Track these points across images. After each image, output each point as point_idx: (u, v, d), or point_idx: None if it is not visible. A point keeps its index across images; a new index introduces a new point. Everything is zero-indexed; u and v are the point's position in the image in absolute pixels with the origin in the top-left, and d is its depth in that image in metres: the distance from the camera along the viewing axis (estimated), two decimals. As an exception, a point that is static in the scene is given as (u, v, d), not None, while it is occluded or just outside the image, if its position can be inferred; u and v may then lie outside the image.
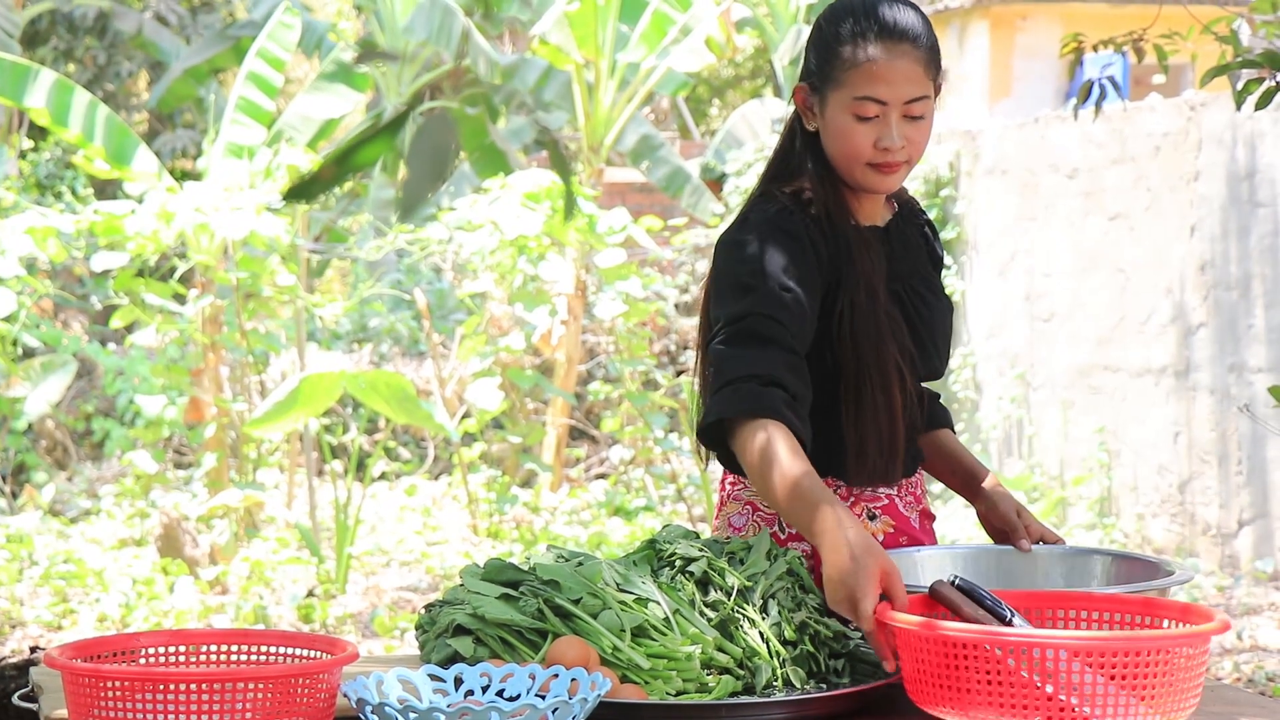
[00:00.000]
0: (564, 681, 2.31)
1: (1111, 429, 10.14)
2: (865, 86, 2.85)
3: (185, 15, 18.38)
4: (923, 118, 2.89)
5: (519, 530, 10.30)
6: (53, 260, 10.44)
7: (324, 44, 14.59)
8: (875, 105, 2.86)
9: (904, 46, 2.85)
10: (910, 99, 2.86)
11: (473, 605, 2.56)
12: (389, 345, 13.56)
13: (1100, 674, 2.19)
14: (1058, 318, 10.57)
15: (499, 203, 10.67)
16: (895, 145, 2.87)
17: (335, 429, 11.97)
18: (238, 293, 9.89)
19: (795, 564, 2.76)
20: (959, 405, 11.34)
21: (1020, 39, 12.43)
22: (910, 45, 2.86)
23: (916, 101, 2.87)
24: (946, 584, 2.44)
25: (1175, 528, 9.75)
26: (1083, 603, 2.49)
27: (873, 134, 2.87)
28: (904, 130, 2.87)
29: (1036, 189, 10.72)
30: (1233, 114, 9.17)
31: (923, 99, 2.87)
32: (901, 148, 2.88)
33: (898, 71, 2.85)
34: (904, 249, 3.04)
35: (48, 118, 10.04)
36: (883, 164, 2.89)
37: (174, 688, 2.19)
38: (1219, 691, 2.64)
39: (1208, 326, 9.48)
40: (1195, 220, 9.54)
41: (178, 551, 9.27)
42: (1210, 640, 2.27)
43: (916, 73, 2.86)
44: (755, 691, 2.53)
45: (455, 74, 13.65)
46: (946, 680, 2.24)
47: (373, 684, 2.27)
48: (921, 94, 2.87)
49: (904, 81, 2.85)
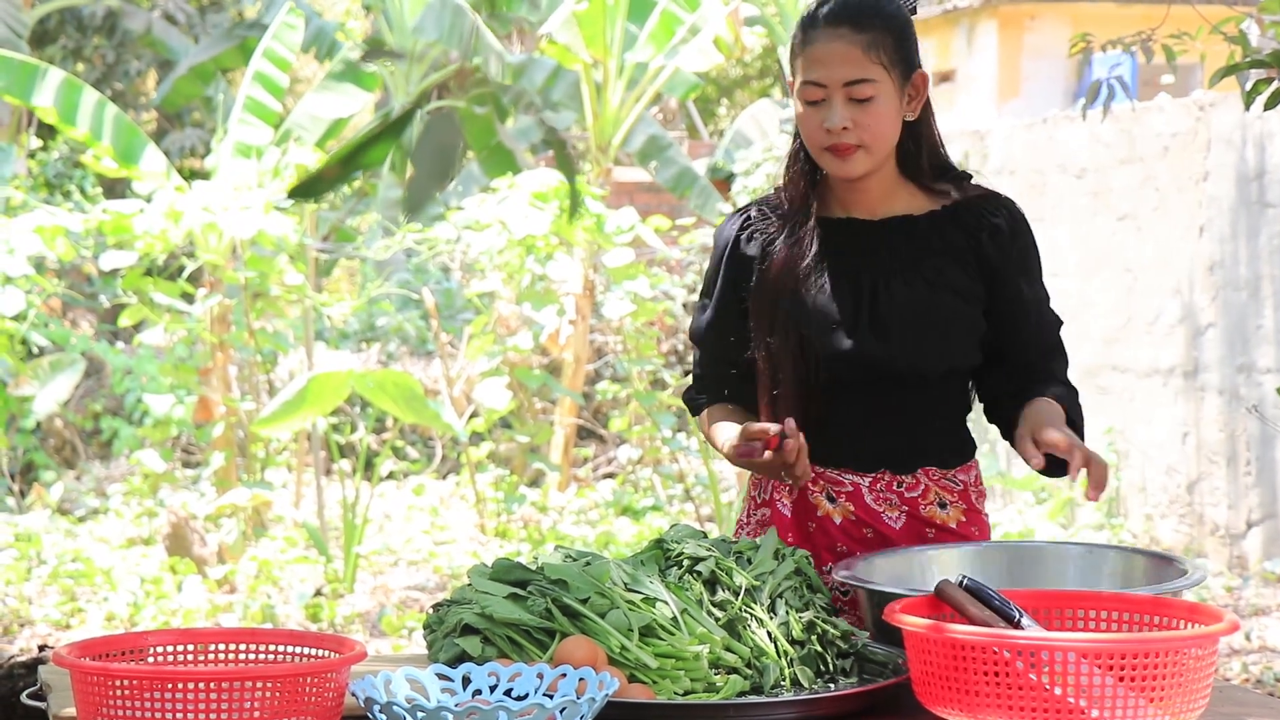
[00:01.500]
0: (572, 681, 2.31)
1: (1120, 429, 10.13)
2: (806, 71, 2.94)
3: (194, 14, 18.38)
4: (871, 100, 2.90)
5: (527, 530, 10.30)
6: (61, 259, 10.45)
7: (333, 44, 14.59)
8: (816, 89, 2.91)
9: (841, 29, 2.90)
10: (849, 81, 2.89)
11: (480, 605, 2.56)
12: (397, 344, 13.57)
13: (1108, 675, 2.18)
14: (1066, 317, 10.51)
15: (507, 202, 10.67)
16: (836, 127, 2.90)
17: (343, 428, 11.97)
18: (246, 292, 9.90)
19: (803, 563, 2.76)
20: (967, 405, 11.34)
21: (1029, 39, 12.41)
22: (849, 28, 2.89)
23: (858, 84, 2.89)
24: (953, 584, 2.44)
25: (1184, 528, 9.74)
26: (1091, 603, 2.49)
27: (819, 117, 2.92)
28: (849, 112, 2.90)
29: (1044, 189, 10.71)
30: (1242, 114, 9.16)
31: (864, 81, 2.89)
32: (846, 129, 2.90)
33: (833, 54, 2.89)
34: (912, 243, 3.02)
35: (56, 117, 10.06)
36: (833, 147, 2.93)
37: (182, 687, 2.19)
38: (1227, 692, 2.64)
39: (1216, 327, 9.47)
40: (1204, 220, 9.53)
41: (186, 550, 9.28)
42: (1219, 641, 2.26)
43: (854, 54, 2.89)
44: (763, 691, 2.53)
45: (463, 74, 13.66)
46: (954, 681, 2.24)
47: (380, 683, 2.27)
48: (861, 76, 2.89)
49: (839, 63, 2.89)
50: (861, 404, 3.01)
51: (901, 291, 2.99)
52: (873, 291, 2.98)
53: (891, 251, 3.01)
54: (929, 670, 2.28)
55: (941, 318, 3.00)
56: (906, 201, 3.05)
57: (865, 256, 3.01)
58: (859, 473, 3.05)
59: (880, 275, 2.99)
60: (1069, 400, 3.05)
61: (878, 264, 3.00)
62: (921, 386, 3.02)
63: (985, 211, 3.07)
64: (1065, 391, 3.07)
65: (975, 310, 3.04)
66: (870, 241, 3.02)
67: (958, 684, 2.24)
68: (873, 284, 2.99)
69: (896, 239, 3.02)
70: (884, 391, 3.00)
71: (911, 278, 3.00)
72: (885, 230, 3.02)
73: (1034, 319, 3.12)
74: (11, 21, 15.18)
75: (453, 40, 12.56)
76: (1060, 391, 3.05)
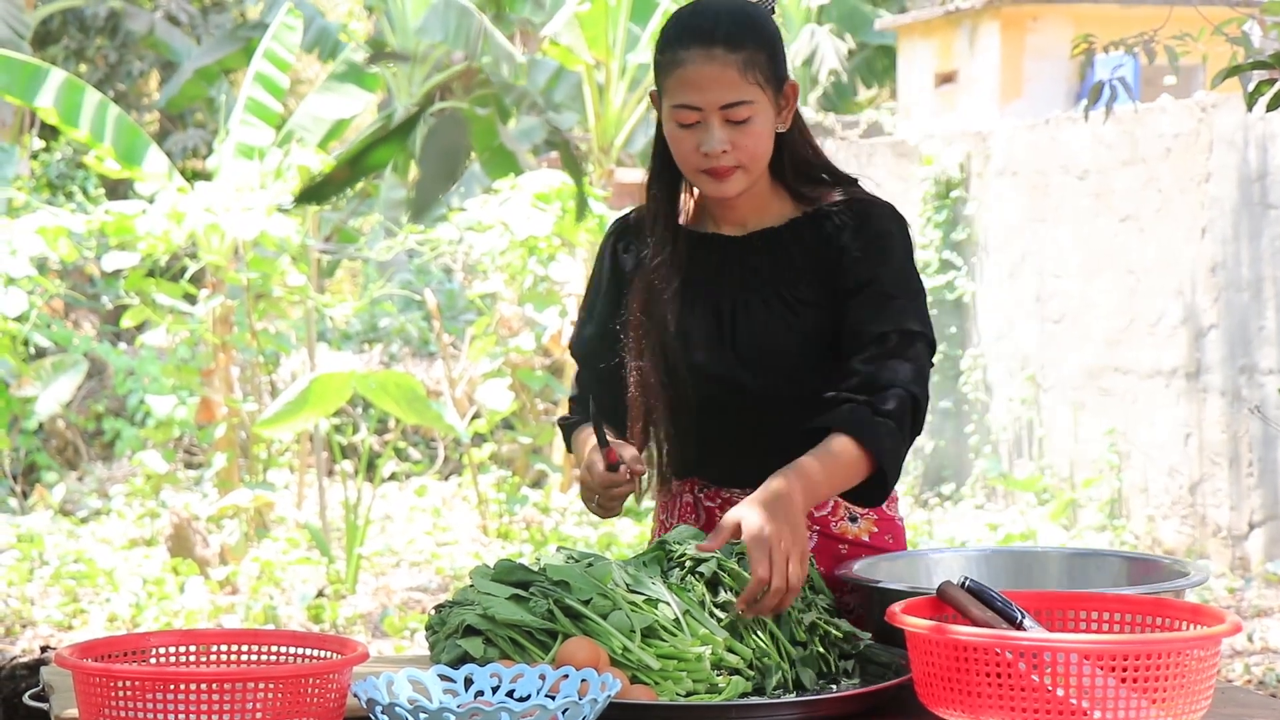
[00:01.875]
0: (574, 682, 2.31)
1: (1122, 430, 10.13)
2: (680, 93, 2.83)
3: (196, 15, 18.39)
4: (748, 121, 2.82)
5: (529, 531, 10.30)
6: (64, 260, 10.45)
7: (335, 44, 14.60)
8: (691, 112, 2.82)
9: (714, 51, 2.80)
10: (726, 104, 2.81)
11: (483, 606, 2.56)
12: (399, 346, 13.57)
13: (1111, 677, 2.18)
14: (1068, 319, 10.56)
15: (509, 203, 10.67)
16: (715, 150, 2.82)
17: (345, 429, 11.97)
18: (248, 293, 9.90)
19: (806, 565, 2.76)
20: (969, 406, 11.34)
21: (1031, 40, 12.42)
22: (723, 48, 2.80)
23: (735, 106, 2.81)
24: (954, 585, 2.44)
25: (1186, 529, 9.74)
26: (1093, 604, 2.49)
27: (695, 140, 2.84)
28: (727, 135, 2.82)
29: (1047, 190, 10.71)
30: (1244, 115, 9.16)
31: (742, 103, 2.81)
32: (724, 152, 2.82)
33: (707, 77, 2.80)
34: (769, 258, 2.93)
35: (58, 118, 10.06)
36: (710, 170, 2.85)
37: (184, 688, 2.19)
38: (1230, 694, 2.64)
39: (1219, 328, 9.47)
40: (1206, 222, 9.53)
41: (188, 551, 9.28)
42: (1221, 642, 2.26)
43: (730, 76, 2.80)
44: (765, 692, 2.53)
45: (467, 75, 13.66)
46: (956, 683, 2.24)
47: (383, 684, 2.27)
48: (738, 99, 2.80)
49: (715, 87, 2.80)
50: (741, 425, 2.93)
51: (758, 309, 2.90)
52: (733, 315, 2.91)
53: (753, 270, 2.93)
54: (931, 671, 2.28)
55: (803, 338, 2.90)
56: (776, 212, 2.96)
57: (728, 277, 2.94)
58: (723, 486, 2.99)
59: (740, 296, 2.92)
60: (860, 424, 2.77)
61: (739, 284, 2.93)
62: (796, 406, 2.88)
63: (838, 217, 2.93)
64: (857, 410, 2.78)
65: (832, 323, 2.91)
66: (733, 260, 2.95)
67: (960, 685, 2.24)
68: (732, 306, 2.92)
69: (758, 257, 2.94)
70: (761, 411, 2.91)
71: (769, 297, 2.91)
72: (749, 248, 2.95)
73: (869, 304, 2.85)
74: (14, 22, 15.19)
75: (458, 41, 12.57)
76: (853, 417, 2.77)
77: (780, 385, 2.89)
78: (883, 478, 2.80)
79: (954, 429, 11.46)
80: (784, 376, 2.89)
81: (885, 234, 2.93)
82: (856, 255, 2.89)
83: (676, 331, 2.92)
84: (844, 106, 18.46)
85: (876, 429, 2.76)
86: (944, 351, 11.41)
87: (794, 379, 2.89)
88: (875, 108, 18.00)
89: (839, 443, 2.75)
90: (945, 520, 10.74)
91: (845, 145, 12.59)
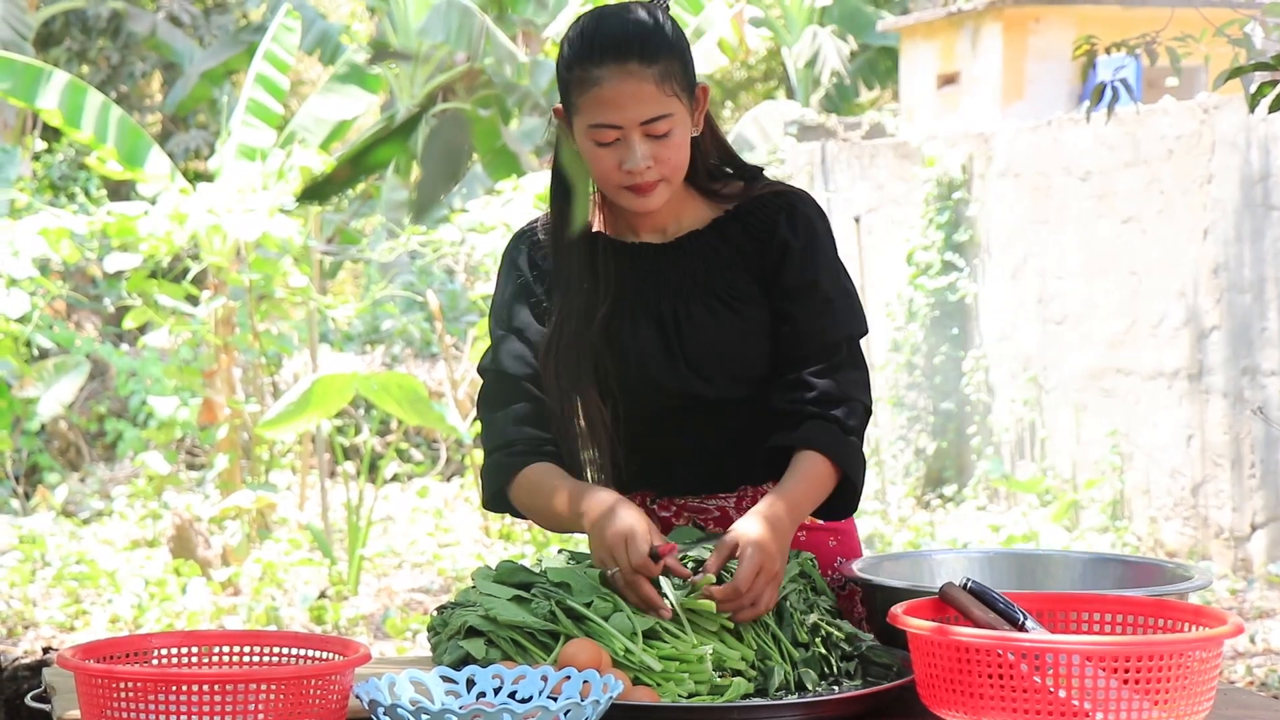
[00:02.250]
0: (576, 683, 2.31)
1: (1124, 432, 10.12)
2: (597, 112, 2.74)
3: (198, 16, 18.40)
4: (669, 134, 2.75)
5: (531, 532, 10.30)
6: (66, 261, 10.45)
7: (337, 46, 14.61)
8: (610, 130, 2.74)
9: (630, 66, 2.72)
10: (647, 119, 2.73)
11: (485, 607, 2.56)
12: (401, 347, 13.57)
13: (1113, 678, 2.18)
14: (1070, 320, 10.55)
15: (511, 204, 10.67)
16: (639, 168, 2.75)
17: (348, 430, 11.97)
18: (250, 294, 9.90)
19: (807, 566, 2.76)
20: (971, 408, 11.33)
21: (1033, 41, 12.41)
22: (637, 63, 2.72)
23: (656, 121, 2.73)
24: (957, 586, 2.44)
25: (1188, 531, 9.74)
26: (1096, 605, 2.49)
27: (615, 157, 2.76)
28: (650, 150, 2.75)
29: (1049, 192, 10.70)
30: (1246, 117, 9.15)
31: (662, 117, 2.74)
32: (648, 168, 2.75)
33: (625, 94, 2.72)
34: (702, 261, 2.88)
35: (61, 119, 10.07)
36: (634, 186, 2.78)
37: (187, 689, 2.20)
38: (1232, 695, 2.64)
39: (1221, 330, 9.47)
40: (1208, 223, 9.53)
41: (190, 553, 9.28)
42: (1224, 644, 2.26)
43: (647, 91, 2.72)
44: (767, 694, 2.53)
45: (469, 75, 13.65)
46: (958, 684, 2.24)
47: (385, 685, 2.27)
48: (659, 113, 2.73)
49: (634, 104, 2.72)
50: (696, 434, 2.88)
51: (701, 315, 2.85)
52: (676, 323, 2.86)
53: (687, 275, 2.88)
54: (933, 673, 2.28)
55: (745, 335, 2.86)
56: (694, 214, 2.91)
57: (662, 286, 2.88)
58: (722, 495, 2.93)
59: (680, 301, 2.87)
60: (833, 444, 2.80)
61: (674, 290, 2.87)
62: (746, 409, 2.88)
63: (765, 211, 2.90)
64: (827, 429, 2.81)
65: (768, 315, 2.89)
66: (664, 267, 2.89)
67: (962, 686, 2.24)
68: (674, 311, 2.86)
69: (689, 260, 2.89)
70: (714, 419, 2.86)
71: (708, 299, 2.86)
72: (678, 254, 2.90)
73: (816, 311, 2.85)
74: (16, 24, 15.20)
75: (460, 42, 12.57)
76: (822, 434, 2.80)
77: (733, 389, 2.86)
78: (853, 493, 2.84)
79: (956, 430, 11.46)
80: (734, 379, 2.87)
81: (816, 228, 2.90)
82: (797, 249, 2.86)
83: (622, 349, 2.85)
84: (846, 108, 18.47)
85: (848, 448, 2.81)
86: (946, 353, 11.41)
87: (743, 379, 2.87)
88: (877, 109, 18.01)
89: (816, 463, 2.78)
90: (947, 521, 10.74)
91: (847, 147, 12.58)
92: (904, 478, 11.58)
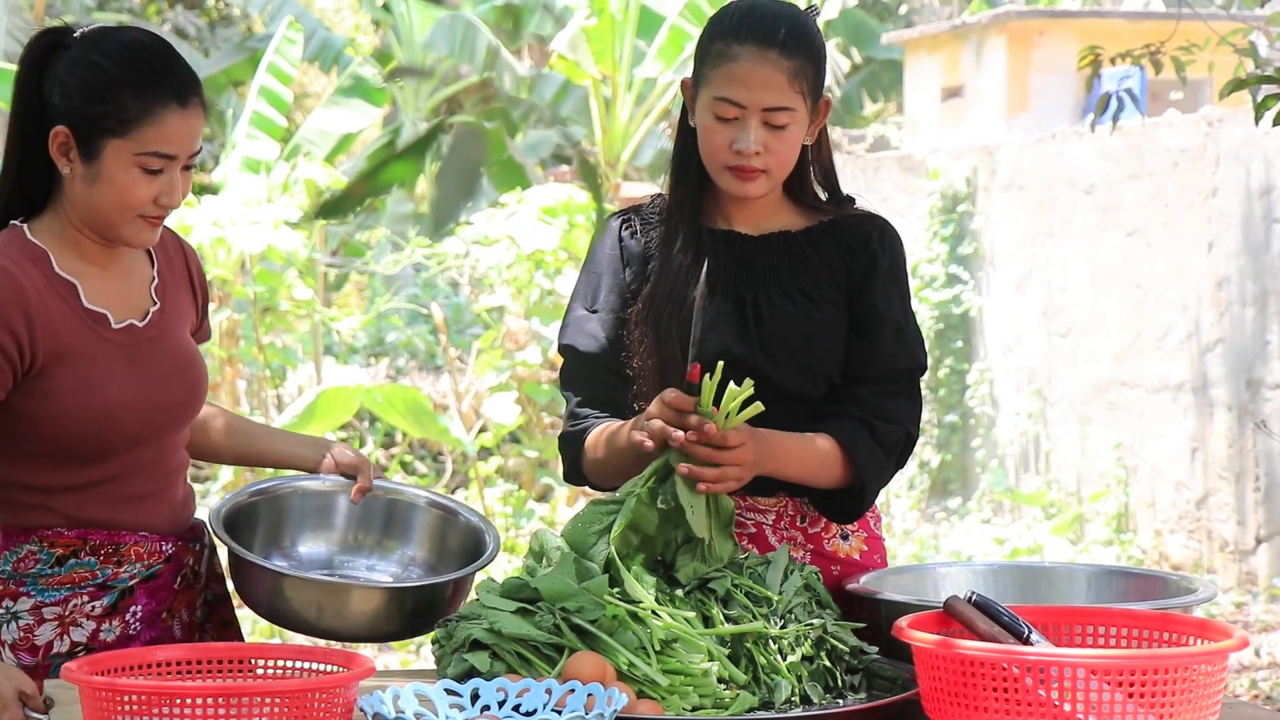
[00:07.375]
0: (580, 696, 2.31)
1: (1129, 445, 10.12)
2: (725, 87, 2.84)
3: (204, 28, 18.42)
4: (785, 128, 2.84)
5: (535, 544, 10.29)
6: (71, 273, 10.45)
7: (339, 57, 14.62)
8: (733, 107, 2.83)
9: (769, 53, 2.82)
10: (770, 107, 2.82)
11: (489, 620, 2.56)
12: (406, 359, 13.58)
13: (1118, 691, 2.18)
14: (1075, 333, 10.55)
15: (516, 217, 10.68)
16: (749, 149, 2.83)
17: (352, 443, 11.97)
18: (255, 307, 9.91)
19: (812, 579, 2.76)
20: (976, 420, 11.33)
21: (1037, 54, 12.42)
22: (777, 53, 2.82)
23: (778, 111, 2.82)
24: (961, 600, 2.44)
25: (1192, 544, 9.73)
26: (1100, 618, 2.48)
27: (730, 135, 2.84)
28: (763, 137, 2.83)
29: (1054, 204, 10.71)
30: (1251, 130, 9.15)
31: (784, 109, 2.83)
32: (757, 154, 2.83)
33: (757, 76, 2.81)
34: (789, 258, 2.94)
35: (66, 131, 10.06)
36: (738, 168, 2.85)
37: (190, 702, 2.19)
38: (1236, 709, 2.63)
39: (1225, 343, 9.46)
40: (1213, 236, 9.53)
41: (194, 565, 9.27)
42: (1228, 657, 2.26)
43: (778, 80, 2.82)
44: (773, 707, 2.53)
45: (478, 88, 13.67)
46: (962, 697, 2.24)
47: (389, 699, 2.27)
48: (782, 104, 2.82)
49: (763, 88, 2.82)
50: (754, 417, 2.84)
51: (782, 304, 2.92)
52: (755, 305, 2.92)
53: (771, 268, 2.95)
54: (938, 686, 2.27)
55: (821, 329, 2.92)
56: (787, 218, 2.99)
57: (746, 270, 2.95)
58: (760, 499, 2.94)
59: (761, 288, 2.93)
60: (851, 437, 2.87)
61: (758, 277, 2.94)
62: (804, 405, 2.92)
63: (859, 229, 2.97)
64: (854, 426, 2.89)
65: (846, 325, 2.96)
66: (751, 255, 2.95)
67: (967, 700, 2.23)
68: (754, 297, 2.93)
69: (776, 255, 2.96)
70: (775, 405, 2.80)
71: (790, 291, 2.93)
72: (766, 247, 2.96)
73: (888, 337, 2.93)
74: (20, 35, 15.21)
75: (465, 56, 12.59)
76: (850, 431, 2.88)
77: (799, 380, 2.92)
78: (861, 492, 2.88)
79: (961, 443, 11.45)
80: (802, 369, 2.92)
81: (900, 257, 2.99)
82: (884, 269, 2.95)
83: (700, 322, 2.85)
84: (850, 121, 18.47)
85: (868, 452, 2.88)
86: (950, 365, 11.41)
87: (810, 373, 2.93)
88: (882, 122, 18.02)
89: (826, 443, 2.86)
90: (952, 534, 10.73)
91: (852, 159, 12.59)
92: (908, 490, 11.58)
